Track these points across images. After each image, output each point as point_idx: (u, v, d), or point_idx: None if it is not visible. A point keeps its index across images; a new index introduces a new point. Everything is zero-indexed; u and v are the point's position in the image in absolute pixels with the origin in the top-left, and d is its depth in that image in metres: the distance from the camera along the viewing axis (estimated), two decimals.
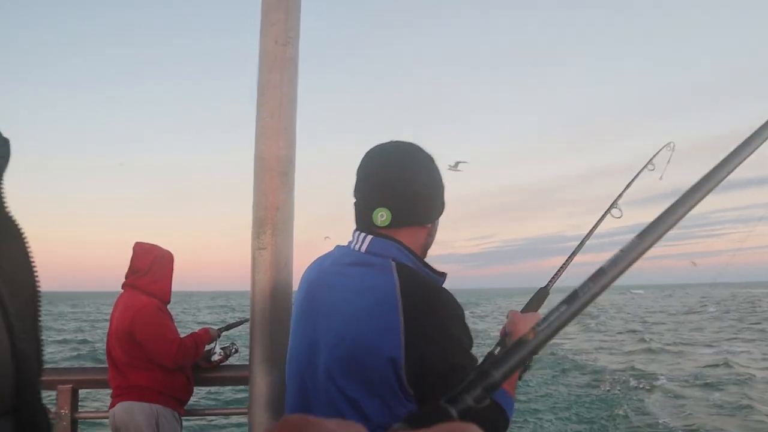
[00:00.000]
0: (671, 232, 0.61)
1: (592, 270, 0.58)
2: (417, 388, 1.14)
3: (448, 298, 1.21)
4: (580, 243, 1.70)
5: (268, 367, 1.14)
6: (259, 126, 1.24)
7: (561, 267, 1.67)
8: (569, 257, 1.69)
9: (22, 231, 0.63)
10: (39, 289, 0.64)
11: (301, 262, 1.34)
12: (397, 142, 1.36)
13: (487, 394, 0.50)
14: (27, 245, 0.63)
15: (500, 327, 1.45)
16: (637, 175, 1.85)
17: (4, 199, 0.62)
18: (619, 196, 1.77)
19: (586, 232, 1.74)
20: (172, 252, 3.33)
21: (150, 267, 3.19)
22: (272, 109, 1.22)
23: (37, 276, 0.64)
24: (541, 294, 1.57)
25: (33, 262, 0.64)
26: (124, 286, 3.24)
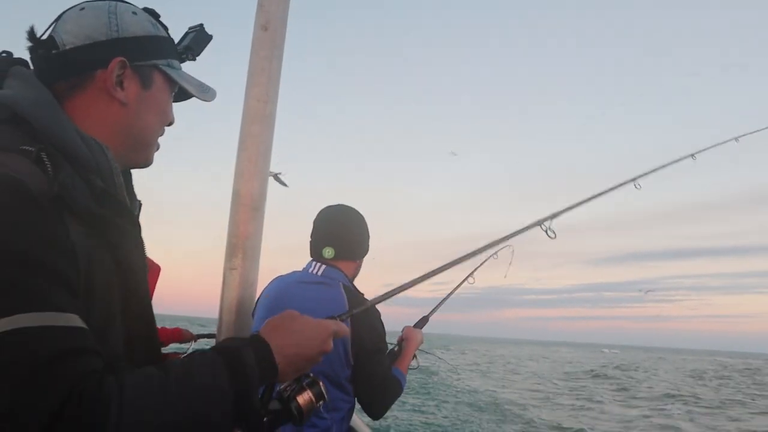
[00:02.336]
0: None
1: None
2: (355, 359, 1.83)
3: (373, 308, 1.80)
4: (450, 293, 2.57)
5: None
6: (238, 168, 1.48)
7: (438, 305, 2.49)
8: (443, 300, 2.53)
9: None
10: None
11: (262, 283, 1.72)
12: (341, 204, 2.05)
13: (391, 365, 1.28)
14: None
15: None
16: (482, 263, 2.69)
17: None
18: (470, 274, 2.62)
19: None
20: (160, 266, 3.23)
21: None
22: (251, 155, 1.46)
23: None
24: (424, 320, 2.38)
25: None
26: None
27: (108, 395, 0.64)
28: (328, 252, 1.93)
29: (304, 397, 0.93)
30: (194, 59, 1.04)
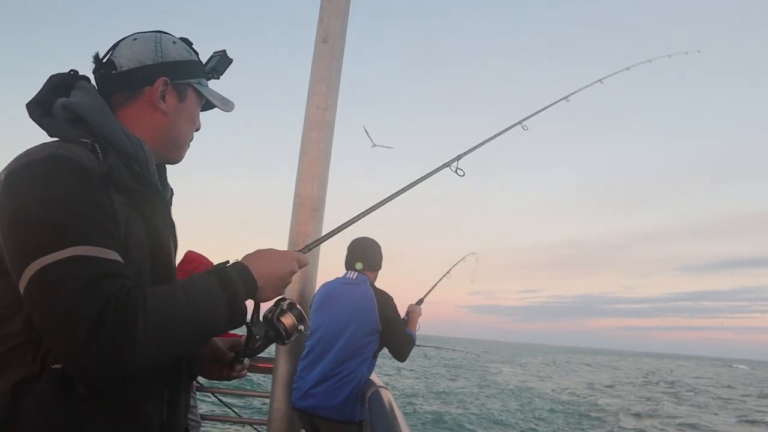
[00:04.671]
0: None
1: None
2: (382, 324, 2.96)
3: (389, 296, 3.05)
4: (438, 281, 3.74)
5: (290, 355, 1.47)
6: (299, 171, 1.61)
7: (430, 290, 3.63)
8: (433, 286, 3.68)
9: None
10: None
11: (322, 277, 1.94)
12: (365, 236, 3.15)
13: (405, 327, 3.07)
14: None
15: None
16: (440, 280, 3.77)
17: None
18: (430, 290, 3.65)
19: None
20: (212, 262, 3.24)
21: (191, 271, 3.12)
22: (310, 160, 1.59)
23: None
24: (420, 300, 3.48)
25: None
26: None
27: (136, 300, 0.87)
28: (359, 265, 3.06)
29: (287, 319, 1.09)
30: (218, 78, 1.27)
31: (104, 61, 1.15)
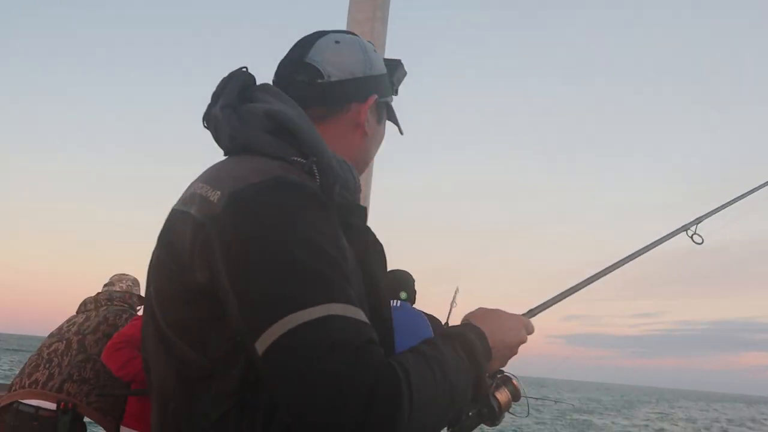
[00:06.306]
0: None
1: None
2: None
3: (439, 321, 3.31)
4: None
5: None
6: None
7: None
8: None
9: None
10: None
11: None
12: (402, 270, 3.19)
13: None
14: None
15: None
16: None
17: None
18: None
19: None
20: None
21: None
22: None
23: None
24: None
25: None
26: None
27: (399, 378, 0.72)
28: (404, 294, 3.10)
29: (502, 395, 0.97)
30: (396, 94, 1.13)
31: (307, 64, 0.99)
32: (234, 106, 0.93)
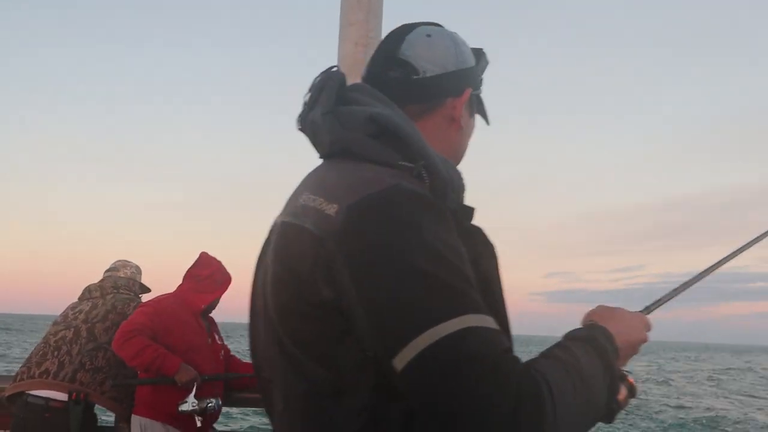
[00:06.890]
0: None
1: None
2: None
3: None
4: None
5: None
6: None
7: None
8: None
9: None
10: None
11: None
12: None
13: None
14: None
15: None
16: None
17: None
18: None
19: None
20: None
21: (206, 277, 3.01)
22: None
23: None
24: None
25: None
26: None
27: (542, 387, 0.71)
28: None
29: (621, 393, 0.92)
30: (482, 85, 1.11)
31: (398, 58, 0.98)
32: (334, 111, 0.91)
